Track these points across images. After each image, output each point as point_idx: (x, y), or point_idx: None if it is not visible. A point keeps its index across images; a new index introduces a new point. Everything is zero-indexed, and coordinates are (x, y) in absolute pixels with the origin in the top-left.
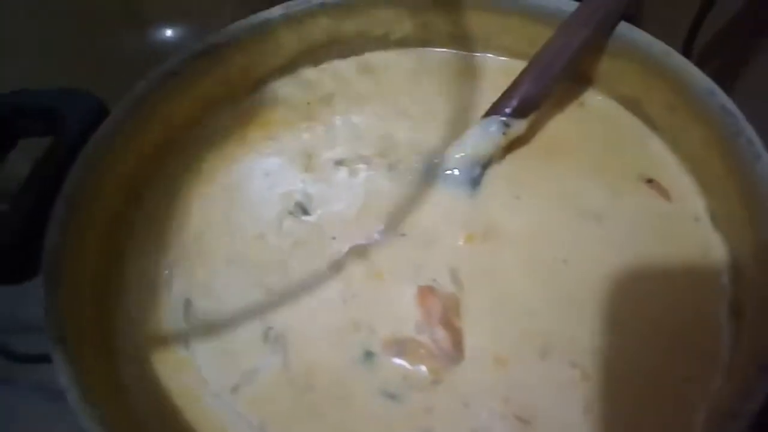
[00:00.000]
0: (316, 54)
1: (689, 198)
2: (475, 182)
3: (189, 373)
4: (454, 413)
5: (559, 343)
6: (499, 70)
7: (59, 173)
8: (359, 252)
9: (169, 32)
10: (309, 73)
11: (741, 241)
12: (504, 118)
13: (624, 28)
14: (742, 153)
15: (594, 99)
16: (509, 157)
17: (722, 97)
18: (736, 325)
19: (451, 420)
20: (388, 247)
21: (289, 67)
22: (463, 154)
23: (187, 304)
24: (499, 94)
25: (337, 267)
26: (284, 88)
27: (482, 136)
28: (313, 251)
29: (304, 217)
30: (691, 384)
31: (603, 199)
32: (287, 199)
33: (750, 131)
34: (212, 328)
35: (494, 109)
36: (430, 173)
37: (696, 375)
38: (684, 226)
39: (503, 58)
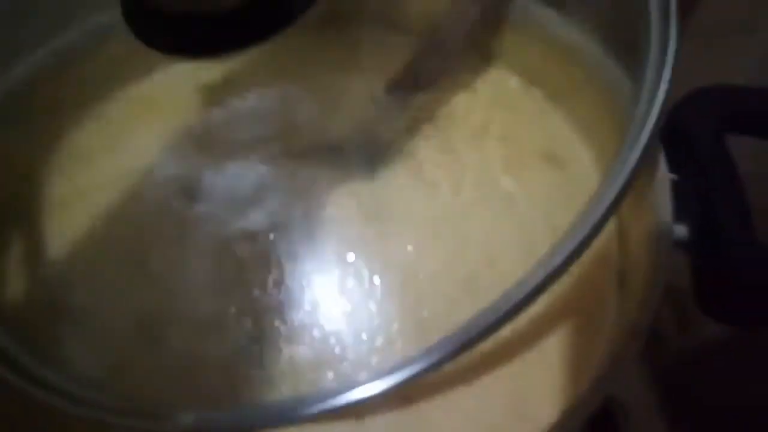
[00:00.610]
0: None
1: (586, 169)
2: (373, 163)
3: (59, 366)
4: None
5: (452, 323)
6: (402, 49)
7: None
8: (249, 238)
9: None
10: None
11: (638, 223)
12: (401, 95)
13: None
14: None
15: (496, 75)
16: (410, 136)
17: (613, 68)
18: (620, 295)
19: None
20: (281, 231)
21: None
22: (361, 134)
23: (58, 294)
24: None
25: (224, 254)
26: (179, 69)
27: (380, 115)
28: (200, 238)
29: (192, 202)
30: (577, 351)
31: (504, 175)
32: (174, 184)
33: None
34: (84, 318)
35: (391, 86)
36: (328, 155)
37: (582, 343)
38: (581, 197)
39: (405, 37)
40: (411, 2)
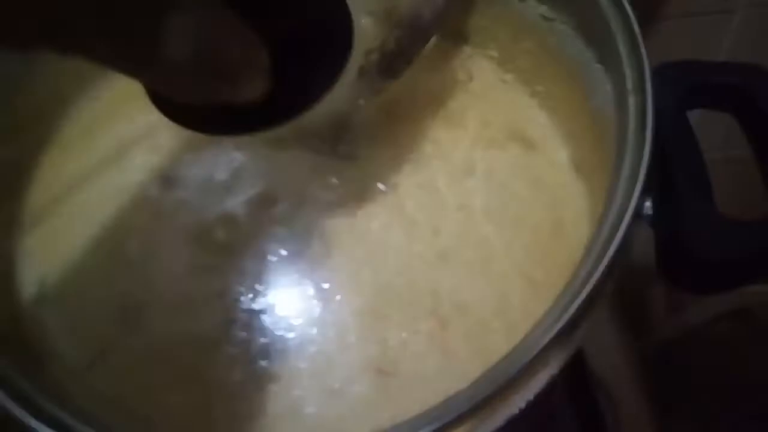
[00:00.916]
0: None
1: (556, 149)
2: (346, 145)
3: (43, 352)
4: (316, 372)
5: (420, 296)
6: (374, 33)
7: None
8: (225, 221)
9: None
10: None
11: (598, 188)
12: (373, 80)
13: None
14: (600, 106)
15: (468, 58)
16: (382, 117)
17: (582, 48)
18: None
19: (314, 379)
20: (255, 214)
21: None
22: (334, 119)
23: (42, 280)
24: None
25: (200, 237)
26: None
27: (352, 99)
28: (177, 223)
29: (169, 189)
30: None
31: (474, 155)
32: (152, 171)
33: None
34: (68, 304)
35: (363, 71)
36: (301, 141)
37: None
38: (550, 175)
39: (377, 21)
40: None
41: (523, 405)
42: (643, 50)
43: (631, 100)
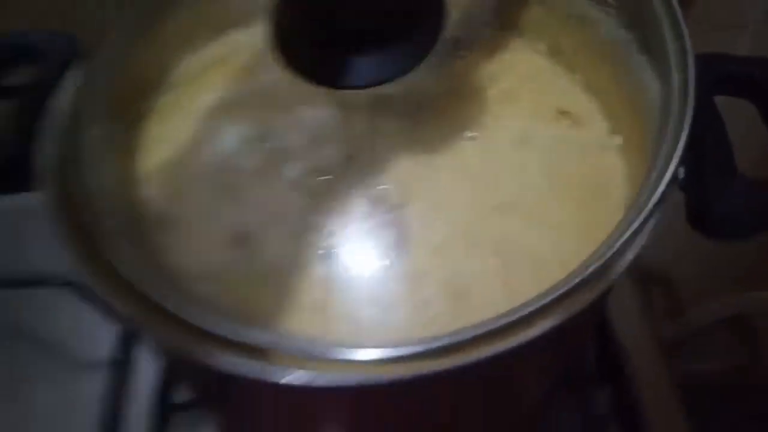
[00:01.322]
0: None
1: (597, 126)
2: (420, 111)
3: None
4: (403, 288)
5: (485, 238)
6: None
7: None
8: (317, 170)
9: None
10: None
11: (636, 158)
12: (443, 61)
13: None
14: (640, 88)
15: (521, 45)
16: (449, 92)
17: (626, 33)
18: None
19: (402, 295)
20: (341, 166)
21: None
22: (408, 90)
23: (164, 211)
24: None
25: (295, 182)
26: (248, 34)
27: (425, 74)
28: (273, 169)
29: (266, 144)
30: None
31: (529, 127)
32: (249, 130)
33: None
34: (185, 231)
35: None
36: (379, 107)
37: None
38: (595, 145)
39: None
40: None
41: (565, 318)
42: (685, 31)
43: (675, 77)
